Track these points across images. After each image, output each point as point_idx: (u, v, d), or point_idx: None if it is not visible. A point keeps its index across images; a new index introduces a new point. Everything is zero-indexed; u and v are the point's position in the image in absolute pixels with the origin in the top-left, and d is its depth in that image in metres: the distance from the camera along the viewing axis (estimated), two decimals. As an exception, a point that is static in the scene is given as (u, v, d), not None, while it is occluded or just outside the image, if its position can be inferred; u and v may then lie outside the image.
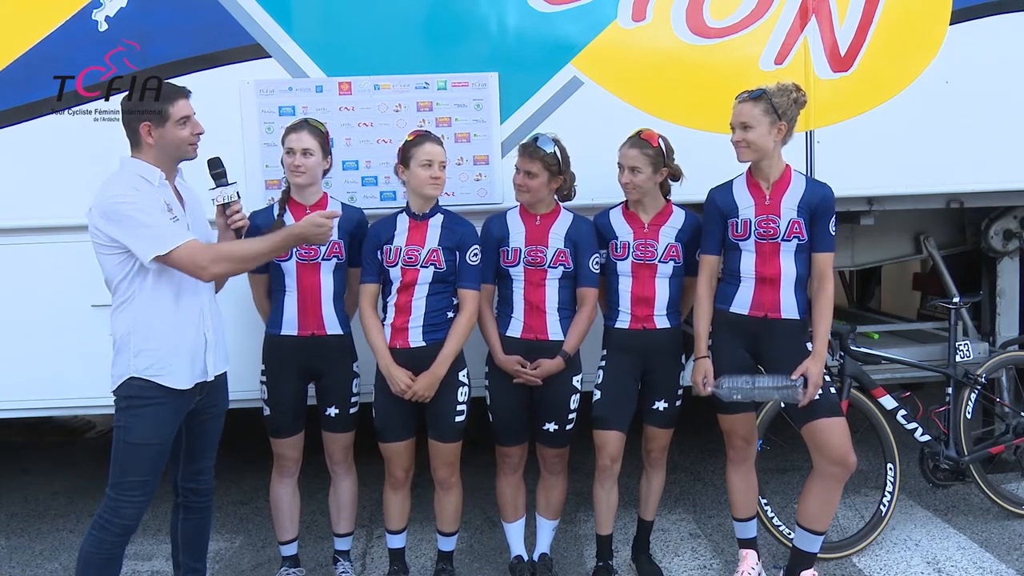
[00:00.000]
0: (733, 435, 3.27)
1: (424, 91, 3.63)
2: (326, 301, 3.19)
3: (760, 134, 2.93)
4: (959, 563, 3.49)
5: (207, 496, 2.92)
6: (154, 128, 2.60)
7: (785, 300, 3.05)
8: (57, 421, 5.81)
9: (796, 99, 2.96)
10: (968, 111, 3.75)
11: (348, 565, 3.45)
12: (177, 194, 2.70)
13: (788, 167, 3.06)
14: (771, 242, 3.02)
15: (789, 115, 2.95)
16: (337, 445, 3.31)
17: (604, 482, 3.28)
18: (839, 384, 3.51)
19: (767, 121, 2.92)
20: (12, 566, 3.73)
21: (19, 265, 3.64)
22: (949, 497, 4.14)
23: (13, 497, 4.55)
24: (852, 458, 3.01)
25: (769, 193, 3.02)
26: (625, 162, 3.14)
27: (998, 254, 4.26)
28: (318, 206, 3.20)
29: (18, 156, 3.59)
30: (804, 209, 2.99)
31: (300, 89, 3.61)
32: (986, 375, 3.93)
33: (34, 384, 3.69)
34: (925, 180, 3.81)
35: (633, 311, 3.21)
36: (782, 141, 2.99)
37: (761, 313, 3.05)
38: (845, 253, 4.36)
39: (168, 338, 2.61)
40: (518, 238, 3.21)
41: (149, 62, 3.53)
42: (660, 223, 3.22)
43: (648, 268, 3.19)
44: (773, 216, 3.01)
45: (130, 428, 2.60)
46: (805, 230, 2.99)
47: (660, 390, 3.25)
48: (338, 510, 3.40)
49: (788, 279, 3.03)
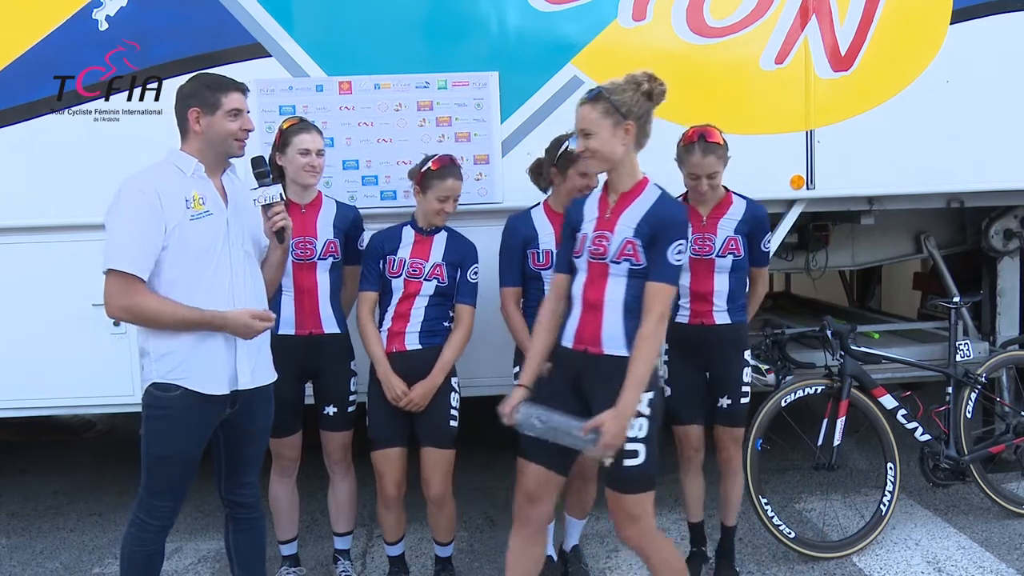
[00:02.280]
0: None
1: (424, 90, 3.63)
2: (323, 300, 3.19)
3: (603, 140, 2.44)
4: (959, 563, 3.49)
5: (254, 509, 2.82)
6: (203, 116, 2.53)
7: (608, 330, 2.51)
8: (57, 421, 5.81)
9: (648, 91, 2.46)
10: (969, 111, 3.75)
11: (348, 564, 3.45)
12: (222, 190, 2.61)
13: (645, 180, 2.53)
14: (600, 262, 2.51)
15: (637, 111, 2.44)
16: (336, 444, 3.31)
17: (689, 471, 3.31)
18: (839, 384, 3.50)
19: (609, 124, 2.43)
20: (12, 565, 3.73)
21: (19, 264, 3.64)
22: (949, 496, 4.14)
23: (13, 496, 4.55)
24: (622, 534, 2.54)
25: (612, 207, 2.53)
26: (702, 171, 3.04)
27: (998, 253, 4.26)
28: (312, 206, 3.21)
29: (18, 155, 3.58)
30: (643, 229, 2.45)
31: (300, 88, 3.61)
32: (986, 375, 3.93)
33: (34, 384, 3.69)
34: (926, 180, 3.81)
35: (692, 306, 3.17)
36: (636, 143, 2.48)
37: (582, 347, 2.53)
38: (845, 252, 4.36)
39: (191, 341, 2.51)
40: (548, 240, 3.13)
41: (149, 61, 3.54)
42: (718, 216, 3.15)
43: (705, 263, 3.13)
44: (607, 232, 2.50)
45: (150, 439, 2.56)
46: (641, 253, 2.46)
47: (722, 387, 3.21)
48: (337, 509, 3.40)
49: (613, 305, 2.49)
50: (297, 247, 3.12)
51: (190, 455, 2.58)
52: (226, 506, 2.82)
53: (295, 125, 3.17)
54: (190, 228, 2.50)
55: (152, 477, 2.58)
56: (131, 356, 3.65)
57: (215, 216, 2.56)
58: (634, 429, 2.40)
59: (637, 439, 2.41)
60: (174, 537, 3.62)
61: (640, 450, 2.42)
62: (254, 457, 2.80)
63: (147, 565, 2.66)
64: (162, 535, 2.65)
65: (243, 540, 2.85)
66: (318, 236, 3.18)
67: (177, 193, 2.50)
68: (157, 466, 2.57)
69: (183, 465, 2.58)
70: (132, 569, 2.65)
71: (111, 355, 3.66)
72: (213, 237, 2.54)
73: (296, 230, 3.13)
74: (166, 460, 2.56)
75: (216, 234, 2.55)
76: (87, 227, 3.58)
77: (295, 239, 3.12)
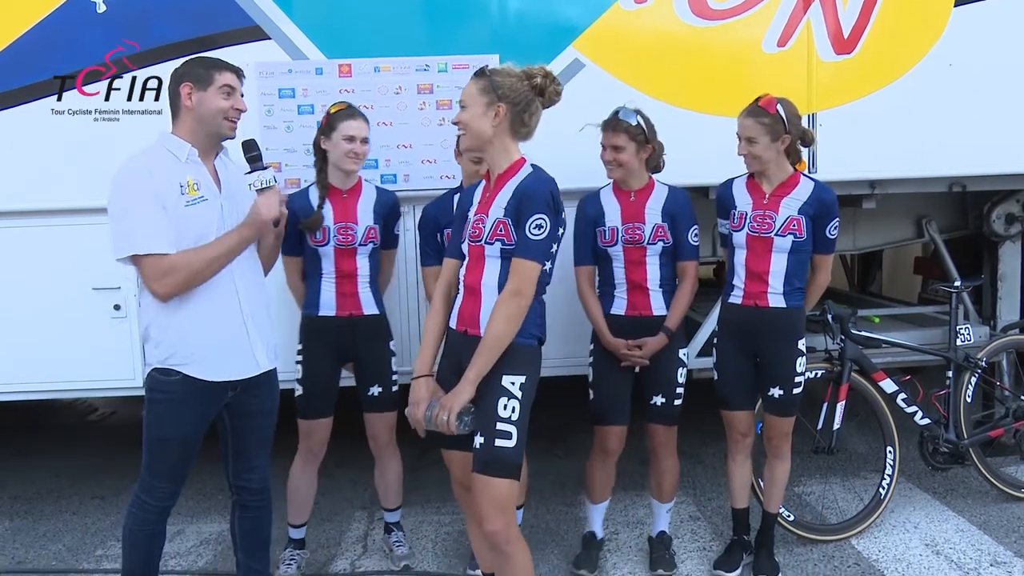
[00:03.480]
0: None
1: (424, 73, 3.61)
2: (362, 283, 3.23)
3: (473, 115, 2.43)
4: (957, 545, 3.50)
5: (261, 495, 2.83)
6: (195, 91, 2.52)
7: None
8: (59, 404, 5.83)
9: (539, 86, 2.44)
10: (972, 94, 3.73)
11: (401, 535, 3.49)
12: (215, 174, 2.61)
13: (521, 160, 2.49)
14: (476, 245, 2.52)
15: (514, 98, 2.41)
16: (383, 424, 3.32)
17: (736, 456, 3.31)
18: (839, 368, 3.51)
19: (483, 101, 2.42)
20: (16, 547, 3.75)
21: (19, 248, 3.64)
22: (948, 480, 4.15)
23: (16, 479, 4.57)
24: (488, 527, 2.39)
25: (491, 190, 2.52)
26: (741, 132, 3.03)
27: (1000, 238, 4.25)
28: (354, 192, 3.22)
29: (16, 139, 3.57)
30: (511, 207, 2.45)
31: (300, 71, 3.59)
32: (986, 359, 3.94)
33: (35, 368, 3.69)
34: (928, 163, 3.79)
35: (747, 286, 3.12)
36: (512, 130, 2.45)
37: (463, 328, 2.54)
38: (847, 237, 4.35)
39: (191, 328, 2.52)
40: (614, 217, 3.16)
41: (148, 44, 3.52)
42: (783, 194, 3.08)
43: (763, 241, 3.07)
44: (483, 215, 2.51)
45: (151, 422, 2.57)
46: (512, 232, 2.43)
47: (773, 375, 3.14)
48: (386, 488, 3.43)
49: (489, 288, 2.49)
50: (339, 233, 3.15)
51: (191, 438, 2.59)
52: (233, 492, 2.83)
53: (342, 111, 3.17)
54: (185, 214, 2.48)
55: (153, 459, 2.60)
56: (131, 340, 3.66)
57: (210, 202, 2.55)
58: (507, 411, 2.37)
59: (510, 420, 2.37)
60: (175, 520, 3.64)
61: (513, 432, 2.37)
62: (261, 441, 2.80)
63: (148, 546, 2.68)
64: (163, 516, 2.66)
65: (248, 527, 2.86)
66: (359, 222, 3.19)
67: (171, 178, 2.48)
68: (158, 448, 2.58)
69: (183, 448, 2.59)
70: (133, 549, 2.67)
71: (111, 339, 3.66)
72: (208, 223, 2.53)
73: (337, 215, 3.18)
74: (167, 443, 2.57)
75: (211, 220, 2.54)
76: (87, 211, 3.58)
77: (336, 224, 3.15)
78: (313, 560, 3.54)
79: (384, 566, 3.44)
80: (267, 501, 2.87)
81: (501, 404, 2.38)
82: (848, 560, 3.41)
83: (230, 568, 3.35)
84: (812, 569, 3.35)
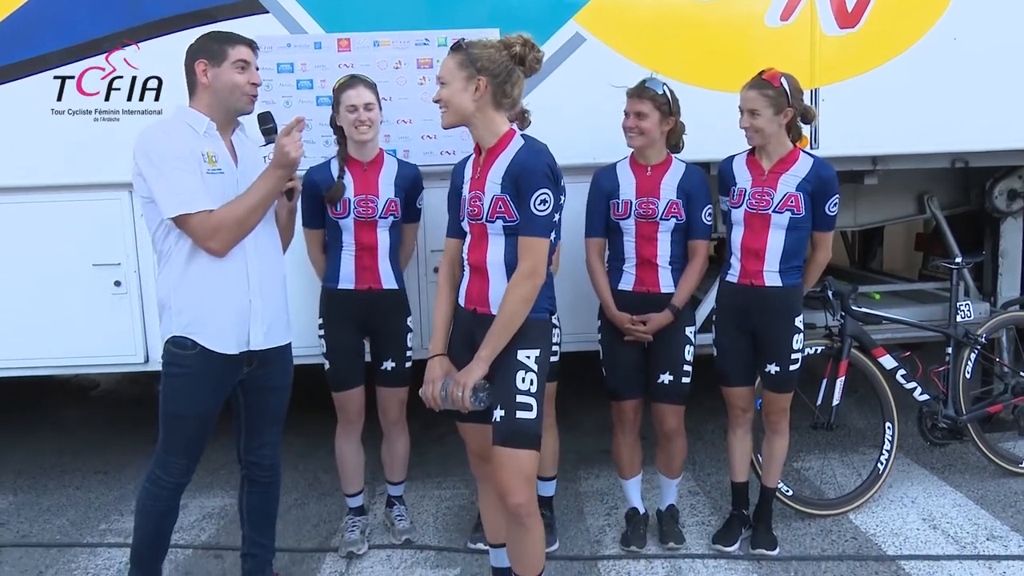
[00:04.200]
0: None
1: (424, 47, 3.57)
2: (383, 257, 3.22)
3: (454, 91, 2.39)
4: (955, 520, 3.53)
5: (271, 471, 2.87)
6: (210, 67, 2.53)
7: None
8: (61, 380, 5.85)
9: (519, 55, 2.40)
10: (976, 69, 3.69)
11: (404, 509, 3.52)
12: (231, 149, 2.62)
13: (511, 132, 2.45)
14: (478, 223, 2.50)
15: (494, 70, 2.37)
16: (393, 399, 3.33)
17: (736, 430, 3.33)
18: (839, 344, 3.51)
19: (462, 76, 2.38)
20: (20, 521, 3.78)
21: (20, 224, 3.63)
22: (946, 456, 4.18)
23: (19, 454, 4.60)
24: (514, 499, 2.38)
25: (481, 165, 2.48)
26: (744, 105, 3.01)
27: (1002, 214, 4.24)
28: (374, 164, 3.22)
29: (17, 112, 3.54)
30: (507, 183, 2.40)
31: (298, 46, 3.55)
32: (986, 335, 3.94)
33: (36, 344, 3.70)
34: (930, 139, 3.77)
35: (743, 264, 3.12)
36: (494, 102, 2.40)
37: (472, 306, 2.53)
38: (848, 213, 4.34)
39: (207, 298, 2.54)
40: (628, 190, 3.16)
41: (143, 18, 3.49)
42: (781, 170, 3.06)
43: (761, 218, 3.06)
44: (479, 192, 2.47)
45: (168, 396, 2.59)
46: (512, 208, 2.41)
47: (770, 352, 3.15)
48: (392, 463, 3.46)
49: (496, 266, 2.47)
50: (359, 205, 3.15)
51: (206, 413, 2.61)
52: (243, 466, 2.86)
53: (343, 83, 3.16)
54: (208, 180, 2.51)
55: (168, 434, 2.62)
56: (132, 316, 3.67)
57: (227, 175, 2.57)
58: (525, 383, 2.38)
59: (529, 392, 2.38)
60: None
61: (533, 404, 2.38)
62: (274, 418, 2.83)
63: (159, 522, 2.71)
64: (176, 493, 2.69)
65: (256, 501, 2.90)
66: (380, 195, 3.19)
67: (192, 145, 2.51)
68: (173, 423, 2.60)
69: (199, 423, 2.61)
70: (145, 524, 2.70)
71: (112, 315, 3.66)
72: (223, 195, 2.55)
73: (358, 187, 3.18)
74: (182, 418, 2.59)
75: (226, 193, 2.56)
76: (88, 186, 3.57)
77: (356, 196, 3.15)
78: (315, 534, 3.57)
79: (385, 540, 3.47)
80: (277, 477, 2.90)
81: (519, 378, 2.39)
82: (846, 534, 3.44)
83: (232, 542, 3.39)
84: (810, 543, 3.37)
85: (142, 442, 4.65)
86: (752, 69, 3.08)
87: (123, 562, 3.33)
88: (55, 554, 3.46)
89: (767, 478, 3.38)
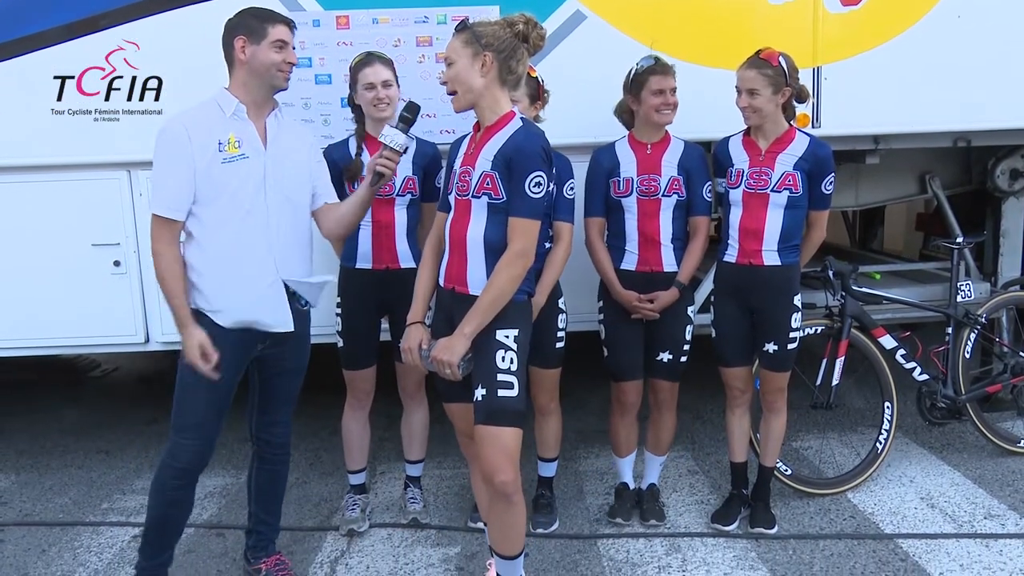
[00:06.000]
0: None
1: (423, 25, 3.54)
2: (400, 236, 3.20)
3: (461, 68, 2.40)
4: (952, 499, 3.55)
5: (281, 449, 2.90)
6: (248, 44, 2.55)
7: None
8: (62, 360, 5.86)
9: (523, 33, 2.41)
10: (979, 47, 3.66)
11: (418, 492, 3.51)
12: (263, 133, 2.62)
13: (511, 113, 2.46)
14: (463, 198, 2.52)
15: (498, 46, 2.38)
16: (412, 376, 3.34)
17: (735, 410, 3.34)
18: (839, 324, 3.52)
19: (468, 53, 2.39)
20: (23, 500, 3.80)
21: (19, 204, 3.61)
22: (945, 435, 4.19)
23: (21, 434, 4.61)
24: (499, 477, 2.39)
25: (478, 142, 2.48)
26: (742, 84, 3.00)
27: (1004, 194, 4.22)
28: None
29: (18, 91, 3.52)
30: (499, 161, 2.41)
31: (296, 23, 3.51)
32: (986, 315, 3.94)
33: (36, 323, 3.69)
34: (933, 118, 3.74)
35: (741, 244, 3.12)
36: (499, 79, 2.41)
37: (451, 285, 2.55)
38: (849, 192, 4.32)
39: (223, 278, 2.57)
40: (629, 168, 3.17)
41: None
42: (778, 150, 3.07)
43: (759, 197, 3.07)
44: (470, 168, 2.48)
45: (183, 371, 2.60)
46: (500, 186, 2.42)
47: (768, 331, 3.17)
48: (410, 437, 3.46)
49: (475, 242, 2.49)
50: None
51: (219, 387, 2.59)
52: (254, 443, 2.89)
53: (360, 60, 3.14)
54: (220, 171, 2.52)
55: (180, 410, 2.63)
56: (132, 296, 3.66)
57: (251, 160, 2.57)
58: (505, 362, 2.40)
59: (509, 371, 2.41)
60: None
61: (514, 382, 2.41)
62: (286, 396, 2.85)
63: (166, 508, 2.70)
64: (182, 483, 2.68)
65: (265, 478, 2.92)
66: (397, 173, 3.12)
67: (210, 134, 2.52)
68: (187, 395, 2.61)
69: (211, 394, 2.60)
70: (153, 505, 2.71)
71: (112, 295, 3.66)
72: (245, 180, 2.55)
73: None
74: (195, 390, 2.59)
75: (249, 178, 2.56)
76: (87, 166, 3.56)
77: None
78: (315, 513, 3.59)
79: (386, 519, 3.49)
80: (286, 456, 2.93)
81: (499, 356, 2.41)
82: (844, 513, 3.46)
83: (234, 520, 3.41)
84: (808, 522, 3.39)
85: (144, 422, 4.67)
86: (754, 47, 3.06)
87: (125, 540, 3.35)
88: (57, 532, 3.48)
89: (765, 457, 3.40)
